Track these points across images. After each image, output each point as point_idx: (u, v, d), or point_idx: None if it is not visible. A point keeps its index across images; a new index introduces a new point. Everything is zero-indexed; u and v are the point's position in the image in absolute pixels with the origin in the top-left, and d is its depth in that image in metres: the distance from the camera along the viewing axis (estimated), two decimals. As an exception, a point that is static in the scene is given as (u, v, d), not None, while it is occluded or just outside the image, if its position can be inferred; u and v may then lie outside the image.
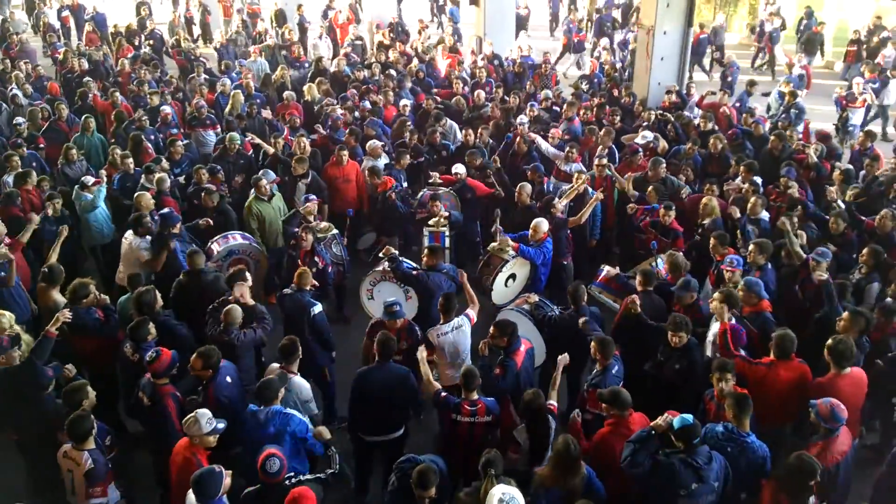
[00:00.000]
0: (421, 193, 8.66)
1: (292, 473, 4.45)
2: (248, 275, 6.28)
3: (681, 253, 6.81)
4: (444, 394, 5.11)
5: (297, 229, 7.21)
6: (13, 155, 9.05)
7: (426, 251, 6.69)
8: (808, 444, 4.67)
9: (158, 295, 6.07)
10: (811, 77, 14.50)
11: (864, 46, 15.56)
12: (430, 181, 8.72)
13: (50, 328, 5.50)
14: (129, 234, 7.27)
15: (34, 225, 7.36)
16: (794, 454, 4.28)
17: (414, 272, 6.59)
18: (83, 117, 10.53)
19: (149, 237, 7.15)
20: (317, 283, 6.49)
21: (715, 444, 4.54)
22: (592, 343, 5.38)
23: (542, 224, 7.19)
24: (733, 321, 5.63)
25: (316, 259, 7.06)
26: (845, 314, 5.63)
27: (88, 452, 4.66)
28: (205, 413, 4.60)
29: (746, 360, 5.33)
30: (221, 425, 4.63)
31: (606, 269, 7.27)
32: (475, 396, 5.00)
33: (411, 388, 5.43)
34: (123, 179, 8.76)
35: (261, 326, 5.92)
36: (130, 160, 8.88)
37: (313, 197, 7.89)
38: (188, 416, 4.63)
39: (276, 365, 5.46)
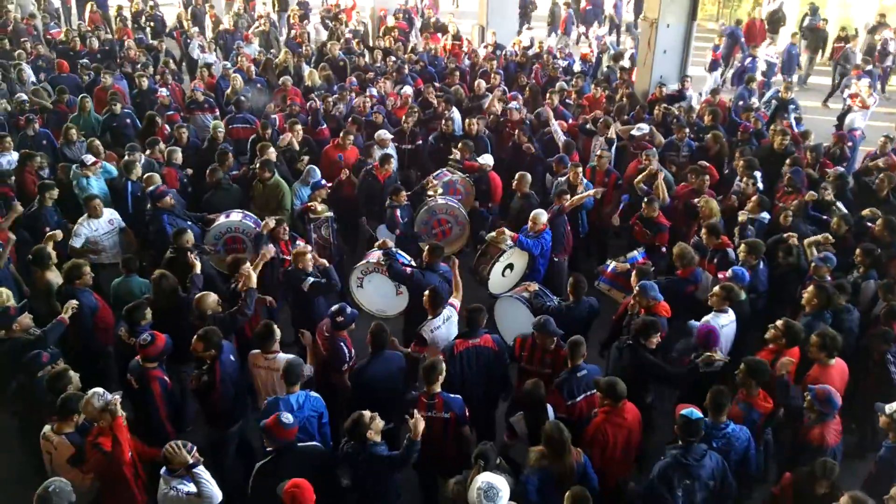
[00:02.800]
0: (438, 171, 8.70)
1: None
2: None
3: (688, 245, 6.66)
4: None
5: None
6: (5, 136, 9.01)
7: (427, 249, 6.48)
8: (807, 428, 4.77)
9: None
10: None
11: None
12: (451, 158, 8.70)
13: (63, 315, 5.62)
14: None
15: (17, 213, 7.22)
16: (820, 461, 4.36)
17: (408, 270, 6.42)
18: (80, 97, 10.42)
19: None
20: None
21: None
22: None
23: (541, 215, 7.14)
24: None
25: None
26: (810, 287, 5.75)
27: (66, 436, 4.63)
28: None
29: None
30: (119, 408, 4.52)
31: (614, 265, 7.18)
32: (436, 390, 4.86)
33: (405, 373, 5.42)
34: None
35: (239, 311, 5.71)
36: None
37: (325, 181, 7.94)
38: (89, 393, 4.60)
39: (257, 351, 5.43)
